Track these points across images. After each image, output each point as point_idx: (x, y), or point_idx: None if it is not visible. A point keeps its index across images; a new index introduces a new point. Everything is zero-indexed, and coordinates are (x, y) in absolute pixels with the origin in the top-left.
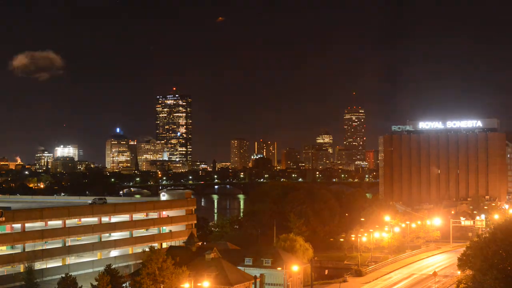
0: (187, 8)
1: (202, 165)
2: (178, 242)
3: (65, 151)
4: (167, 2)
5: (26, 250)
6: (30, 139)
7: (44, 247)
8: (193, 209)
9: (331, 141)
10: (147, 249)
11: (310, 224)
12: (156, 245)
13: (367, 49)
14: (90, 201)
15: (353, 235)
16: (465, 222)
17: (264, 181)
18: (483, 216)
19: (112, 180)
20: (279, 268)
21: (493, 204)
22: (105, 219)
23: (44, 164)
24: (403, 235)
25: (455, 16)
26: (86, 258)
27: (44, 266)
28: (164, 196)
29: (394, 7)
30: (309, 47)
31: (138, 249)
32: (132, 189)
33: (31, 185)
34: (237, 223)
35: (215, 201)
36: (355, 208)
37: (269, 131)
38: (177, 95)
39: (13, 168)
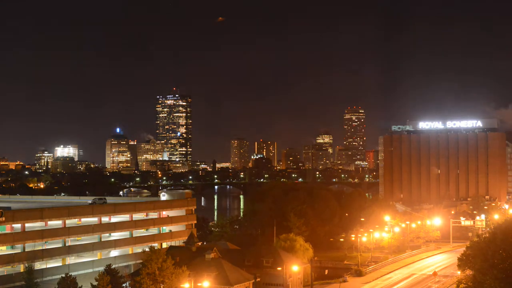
0: (187, 8)
1: (202, 165)
2: (178, 242)
3: (65, 151)
4: (167, 2)
5: (26, 250)
6: (30, 139)
7: (44, 247)
8: (193, 209)
9: (331, 141)
10: (147, 249)
11: (310, 224)
12: (156, 245)
13: (367, 49)
14: (90, 201)
15: (353, 235)
16: (465, 222)
17: (264, 181)
18: (483, 216)
19: (112, 180)
20: (279, 268)
21: (493, 204)
22: (105, 219)
23: (44, 164)
24: (403, 235)
25: (454, 16)
26: (86, 258)
27: (44, 266)
28: (164, 196)
29: (394, 8)
30: (309, 47)
31: (138, 249)
32: (132, 189)
33: (31, 185)
34: (237, 223)
35: (215, 201)
36: (355, 208)
37: (269, 131)
38: (177, 95)
39: (13, 168)
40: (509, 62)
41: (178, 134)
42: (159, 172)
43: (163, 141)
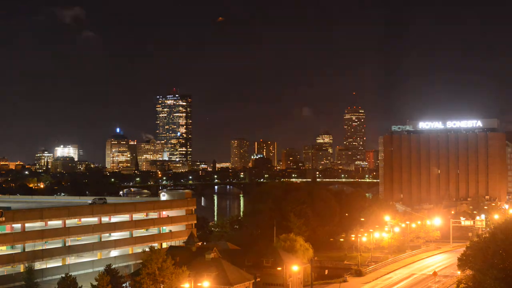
0: (187, 8)
1: (202, 165)
2: (178, 242)
3: (65, 151)
4: (167, 2)
5: (26, 250)
6: (30, 139)
7: (44, 247)
8: (193, 209)
9: (331, 141)
10: (147, 249)
11: (310, 224)
12: (156, 245)
13: (367, 49)
14: (90, 201)
15: (353, 235)
16: (465, 222)
17: (264, 181)
18: (483, 216)
19: (112, 180)
20: (279, 268)
21: (493, 204)
22: (105, 219)
23: (44, 164)
24: (403, 235)
25: (455, 16)
26: (86, 258)
27: (44, 266)
28: (164, 196)
29: (394, 8)
30: (309, 47)
31: (138, 249)
32: (132, 189)
33: (31, 185)
34: (237, 223)
35: (215, 201)
36: (355, 208)
37: (269, 131)
38: (177, 95)
39: (13, 168)
40: (510, 61)
41: (178, 134)
42: (159, 172)
43: (163, 141)
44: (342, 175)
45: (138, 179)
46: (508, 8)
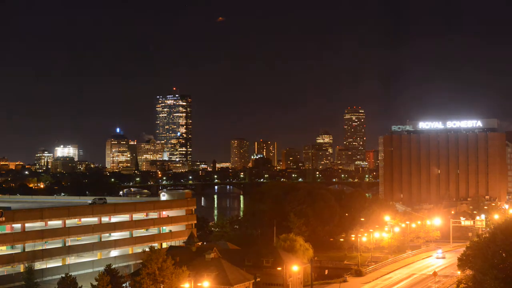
0: (187, 8)
1: (202, 165)
2: (178, 242)
3: (65, 151)
4: (167, 2)
5: (26, 250)
6: (30, 139)
7: (44, 247)
8: (193, 209)
9: (331, 141)
10: (147, 249)
11: (310, 224)
12: (156, 245)
13: (367, 49)
14: (90, 201)
15: (353, 235)
16: (465, 222)
17: (264, 181)
18: (483, 216)
19: (112, 180)
20: (279, 268)
21: (493, 204)
22: (105, 219)
23: (44, 164)
24: (403, 235)
25: (455, 16)
26: (86, 258)
27: (44, 266)
28: (164, 196)
29: (394, 7)
30: (309, 48)
31: (138, 249)
32: (132, 189)
33: (31, 185)
34: (237, 223)
35: (215, 201)
36: (355, 208)
37: (269, 131)
38: (177, 95)
39: (13, 168)
40: (510, 61)
41: (178, 134)
42: (159, 172)
43: (163, 141)
44: (342, 175)
45: (138, 179)
46: (508, 7)
